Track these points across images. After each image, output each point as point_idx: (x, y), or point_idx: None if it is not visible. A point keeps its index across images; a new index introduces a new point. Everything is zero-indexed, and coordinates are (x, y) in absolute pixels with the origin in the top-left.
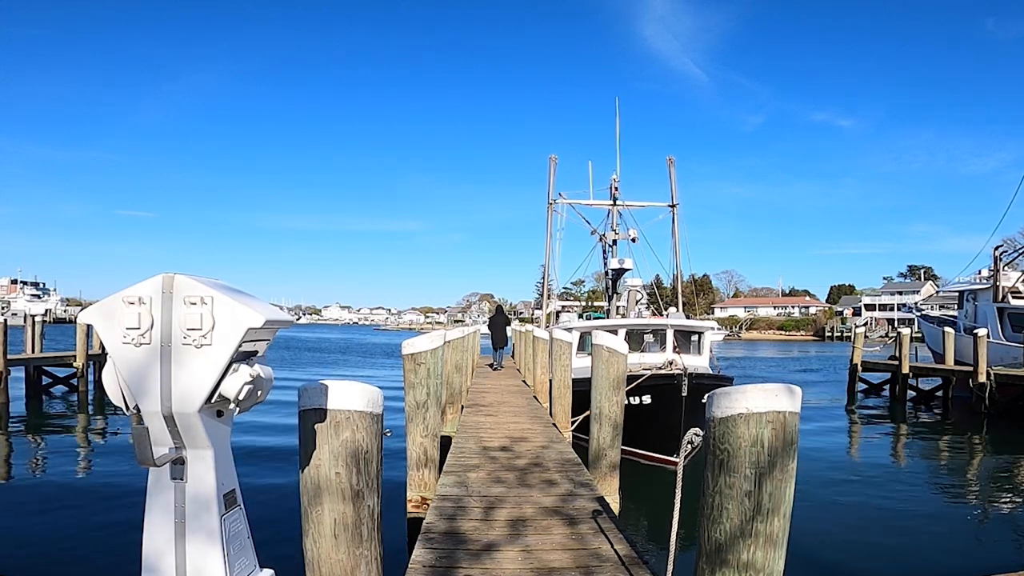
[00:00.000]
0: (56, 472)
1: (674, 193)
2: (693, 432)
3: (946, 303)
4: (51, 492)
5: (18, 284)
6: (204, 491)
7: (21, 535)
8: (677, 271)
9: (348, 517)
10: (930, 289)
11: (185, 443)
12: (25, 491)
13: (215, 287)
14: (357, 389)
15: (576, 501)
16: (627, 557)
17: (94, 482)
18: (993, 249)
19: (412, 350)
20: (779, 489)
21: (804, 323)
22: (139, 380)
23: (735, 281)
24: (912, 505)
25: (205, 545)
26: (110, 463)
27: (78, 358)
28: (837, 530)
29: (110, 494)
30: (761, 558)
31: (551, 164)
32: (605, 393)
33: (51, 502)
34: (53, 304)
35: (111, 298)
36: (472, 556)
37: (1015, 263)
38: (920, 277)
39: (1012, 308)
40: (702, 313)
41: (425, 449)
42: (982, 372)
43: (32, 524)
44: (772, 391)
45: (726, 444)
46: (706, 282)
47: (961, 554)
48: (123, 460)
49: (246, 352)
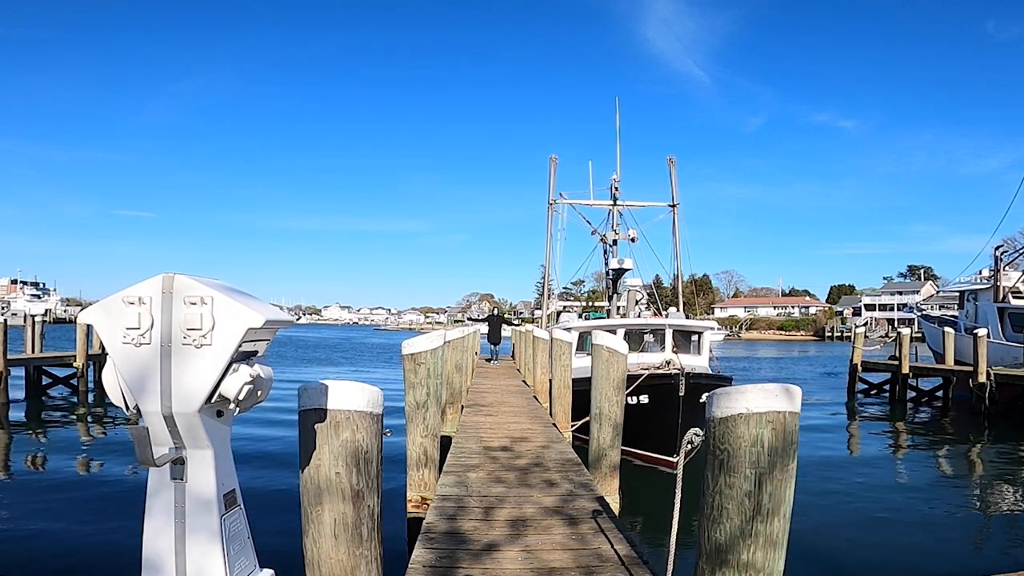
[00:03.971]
0: (56, 472)
1: (674, 193)
2: (693, 432)
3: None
4: (51, 492)
5: (18, 284)
6: (204, 491)
7: (21, 535)
8: (677, 271)
9: (348, 517)
10: (930, 289)
11: (185, 443)
12: (25, 491)
13: (215, 287)
14: (357, 389)
15: (576, 501)
16: (627, 557)
17: (94, 482)
18: (994, 249)
19: (412, 350)
20: (779, 489)
21: (804, 323)
22: (139, 380)
23: (735, 281)
24: (912, 505)
25: (205, 545)
26: (110, 463)
27: (78, 358)
28: (837, 530)
29: (110, 494)
30: (761, 558)
31: (551, 164)
32: (605, 393)
33: (51, 502)
34: (53, 304)
35: (111, 298)
36: (472, 556)
37: (1016, 263)
38: (920, 277)
39: (1012, 308)
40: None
41: (425, 449)
42: (982, 372)
43: (32, 524)
44: (772, 391)
45: (726, 444)
46: (706, 282)
47: (961, 554)
48: (123, 460)
49: (246, 352)
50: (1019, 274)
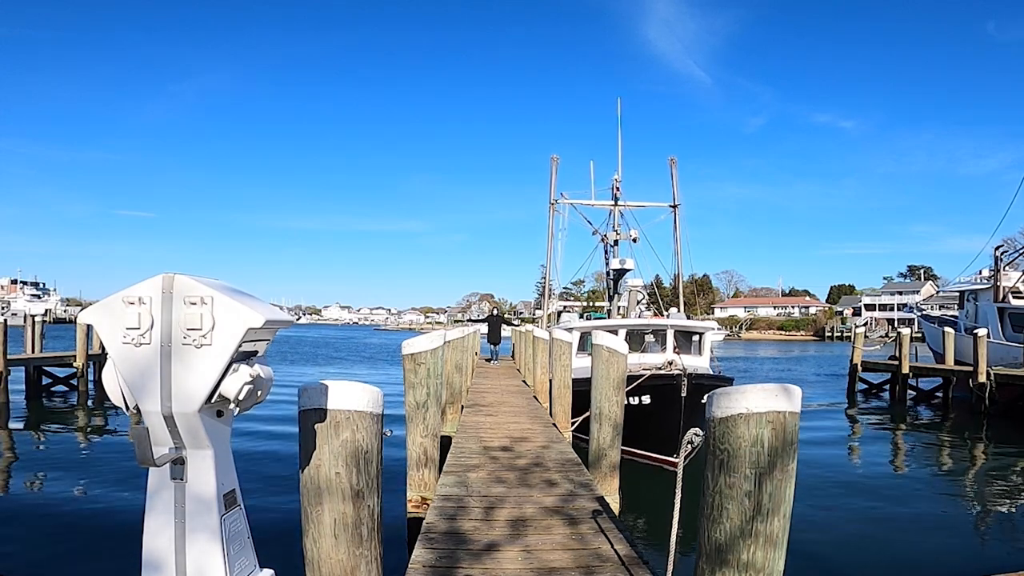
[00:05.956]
0: (56, 472)
1: (675, 193)
2: (693, 432)
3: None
4: (51, 492)
5: (18, 284)
6: (204, 491)
7: (21, 535)
8: (678, 271)
9: (348, 517)
10: (930, 289)
11: (185, 443)
12: (25, 491)
13: (215, 287)
14: (357, 389)
15: (576, 501)
16: (627, 557)
17: (94, 482)
18: (994, 249)
19: (412, 350)
20: (779, 489)
21: (804, 323)
22: (139, 380)
23: (735, 281)
24: (912, 505)
25: (205, 545)
26: (110, 463)
27: (78, 358)
28: (837, 530)
29: (110, 494)
30: (761, 558)
31: (553, 164)
32: (605, 393)
33: (51, 502)
34: (53, 304)
35: (111, 298)
36: (472, 556)
37: (1016, 263)
38: (920, 277)
39: (1012, 308)
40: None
41: (425, 449)
42: (982, 372)
43: (32, 524)
44: (772, 391)
45: (726, 444)
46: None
47: (961, 554)
48: (123, 460)
49: (246, 352)
50: (1019, 274)
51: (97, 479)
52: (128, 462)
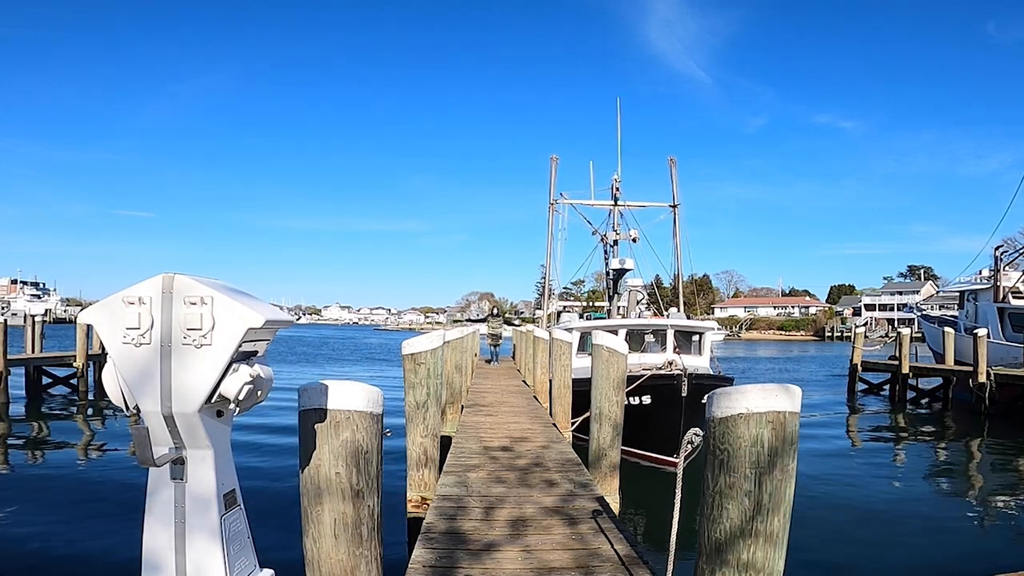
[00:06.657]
0: (56, 472)
1: (675, 194)
2: (693, 432)
3: (946, 303)
4: (51, 492)
5: (18, 284)
6: (204, 491)
7: (21, 535)
8: (678, 271)
9: (348, 517)
10: (930, 289)
11: (185, 443)
12: (25, 491)
13: (215, 287)
14: (357, 389)
15: (576, 501)
16: (627, 557)
17: (94, 482)
18: (994, 249)
19: (412, 350)
20: (779, 489)
21: (804, 323)
22: (139, 380)
23: (735, 281)
24: (912, 505)
25: (205, 545)
26: (110, 463)
27: (78, 358)
28: (837, 530)
29: (110, 494)
30: (761, 558)
31: (552, 164)
32: (605, 393)
33: (51, 502)
34: (53, 304)
35: (111, 298)
36: (472, 556)
37: (1016, 263)
38: (920, 277)
39: (1013, 308)
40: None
41: (425, 449)
42: (982, 372)
43: (32, 524)
44: (772, 391)
45: (726, 444)
46: (706, 282)
47: (961, 554)
48: (123, 460)
49: (246, 352)
50: (1019, 274)
51: (96, 479)
52: (128, 462)
